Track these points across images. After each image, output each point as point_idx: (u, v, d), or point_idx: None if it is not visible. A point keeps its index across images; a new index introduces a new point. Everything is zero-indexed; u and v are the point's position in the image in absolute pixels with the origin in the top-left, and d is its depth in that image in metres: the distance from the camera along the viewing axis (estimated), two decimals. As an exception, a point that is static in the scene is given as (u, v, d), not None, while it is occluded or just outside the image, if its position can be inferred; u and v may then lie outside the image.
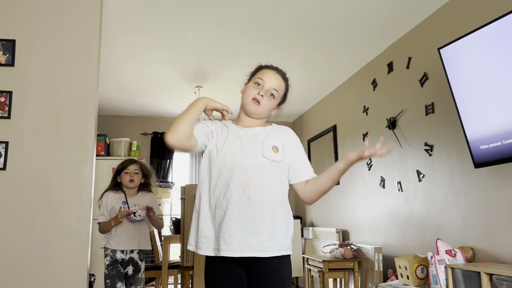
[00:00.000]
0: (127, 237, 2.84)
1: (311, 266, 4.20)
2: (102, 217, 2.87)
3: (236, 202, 1.49)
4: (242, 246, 1.48)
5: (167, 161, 6.18)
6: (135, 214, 2.74)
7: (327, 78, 4.79)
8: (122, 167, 2.95)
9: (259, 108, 1.61)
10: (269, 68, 1.68)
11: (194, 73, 4.55)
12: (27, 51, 2.65)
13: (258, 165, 1.54)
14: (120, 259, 2.82)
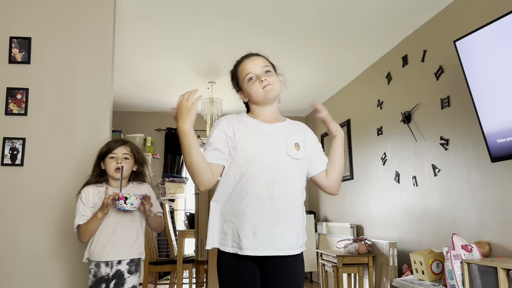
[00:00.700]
0: (113, 242, 2.07)
1: (325, 261, 4.19)
2: (82, 218, 2.08)
3: (259, 200, 1.47)
4: (265, 246, 1.47)
5: (181, 157, 6.22)
6: (126, 200, 1.99)
7: (340, 72, 4.76)
8: (107, 150, 2.15)
9: (274, 88, 1.59)
10: (242, 61, 1.63)
11: (207, 69, 4.56)
12: (43, 49, 2.69)
13: (283, 163, 1.52)
14: (105, 275, 2.05)
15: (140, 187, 2.22)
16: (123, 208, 2.00)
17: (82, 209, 2.09)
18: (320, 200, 5.85)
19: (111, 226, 2.09)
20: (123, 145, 2.17)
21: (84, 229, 2.07)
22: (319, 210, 5.88)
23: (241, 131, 1.54)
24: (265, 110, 1.61)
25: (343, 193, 5.05)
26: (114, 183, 2.14)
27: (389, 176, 4.03)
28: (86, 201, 2.11)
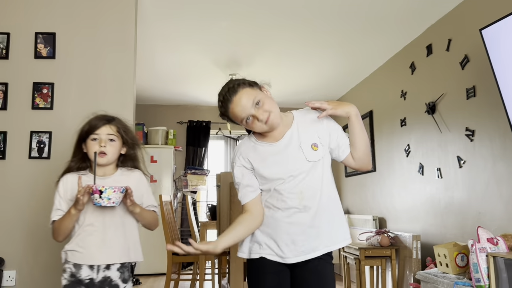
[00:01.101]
0: (100, 242, 1.70)
1: (347, 254, 4.17)
2: (57, 213, 1.73)
3: (292, 211, 1.50)
4: (298, 252, 1.50)
5: (202, 149, 6.28)
6: (101, 193, 1.59)
7: (362, 63, 4.69)
8: (88, 129, 1.76)
9: (274, 116, 1.49)
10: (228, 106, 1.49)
11: (227, 61, 4.57)
12: (67, 44, 2.74)
13: (307, 171, 1.51)
14: (86, 279, 1.69)
15: (130, 174, 1.81)
16: (99, 204, 1.59)
17: (58, 203, 1.75)
18: (342, 192, 5.81)
19: (98, 221, 1.71)
20: (107, 123, 1.76)
21: (57, 227, 1.70)
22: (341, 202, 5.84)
23: (257, 161, 1.55)
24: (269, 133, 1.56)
25: (365, 185, 5.00)
26: (99, 170, 1.75)
27: (412, 168, 3.97)
28: (64, 193, 1.75)
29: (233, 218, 3.71)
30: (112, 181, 1.75)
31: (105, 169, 1.77)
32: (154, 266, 5.38)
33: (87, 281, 1.69)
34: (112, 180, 1.76)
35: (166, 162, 5.72)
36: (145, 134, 5.82)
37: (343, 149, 1.58)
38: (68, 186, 1.76)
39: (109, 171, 1.79)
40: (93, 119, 1.79)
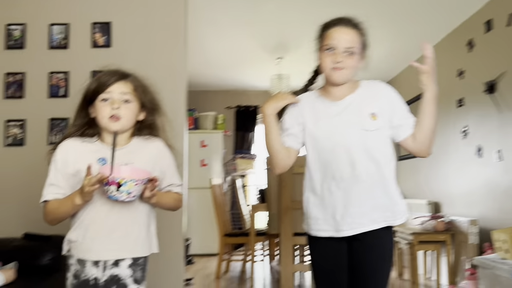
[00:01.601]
0: (106, 234, 1.37)
1: (399, 238, 4.10)
2: (52, 190, 1.37)
3: (345, 182, 1.47)
4: (352, 224, 1.48)
5: (250, 133, 6.34)
6: (120, 186, 1.25)
7: (416, 41, 4.48)
8: (97, 87, 1.39)
9: (343, 74, 1.47)
10: (333, 26, 1.50)
11: (275, 45, 4.55)
12: (122, 33, 2.85)
13: (361, 139, 1.47)
14: (91, 279, 1.36)
15: (148, 144, 1.46)
16: (114, 198, 1.26)
17: (53, 176, 1.36)
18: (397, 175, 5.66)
19: (104, 204, 1.35)
20: (121, 80, 1.40)
21: (52, 211, 1.35)
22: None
23: (311, 118, 1.53)
24: (335, 88, 1.53)
25: (419, 168, 4.85)
26: (108, 137, 1.39)
27: (470, 150, 3.79)
28: (63, 164, 1.36)
29: (283, 201, 3.74)
30: (126, 152, 1.38)
31: (119, 138, 1.38)
32: (206, 246, 5.55)
33: (92, 283, 1.34)
34: (126, 151, 1.39)
35: (215, 146, 5.84)
36: (195, 119, 5.95)
37: (405, 129, 1.52)
38: (70, 156, 1.36)
39: (123, 141, 1.41)
40: (103, 75, 1.40)
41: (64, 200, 1.34)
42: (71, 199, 1.31)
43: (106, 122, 1.38)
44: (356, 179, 1.46)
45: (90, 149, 1.39)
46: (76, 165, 1.36)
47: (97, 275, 1.36)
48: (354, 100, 1.52)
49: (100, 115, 1.38)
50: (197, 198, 5.60)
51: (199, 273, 4.47)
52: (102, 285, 1.36)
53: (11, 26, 2.78)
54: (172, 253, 2.72)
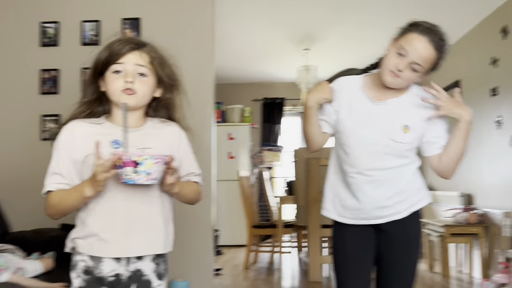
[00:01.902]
0: (128, 224, 1.18)
1: (430, 231, 4.03)
2: (55, 180, 1.18)
3: (363, 181, 1.49)
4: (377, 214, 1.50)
5: (277, 126, 6.34)
6: (137, 166, 1.06)
7: (448, 29, 4.36)
8: (108, 56, 1.20)
9: (396, 81, 1.42)
10: (420, 33, 1.38)
11: (301, 36, 4.52)
12: (150, 28, 2.89)
13: (385, 146, 1.46)
14: (109, 275, 1.18)
15: (164, 128, 1.28)
16: (131, 182, 1.07)
17: (57, 165, 1.17)
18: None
19: (122, 192, 1.16)
20: (136, 49, 1.21)
21: (56, 203, 1.16)
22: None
23: (346, 107, 1.52)
24: (382, 87, 1.47)
25: (449, 160, 4.73)
26: (119, 116, 1.17)
27: (503, 140, 3.68)
28: (69, 150, 1.17)
29: (310, 193, 3.74)
30: (141, 135, 1.20)
31: (131, 117, 1.17)
32: (234, 238, 5.62)
33: (111, 279, 1.16)
34: (140, 134, 1.21)
35: (243, 139, 5.87)
36: (223, 112, 6.00)
37: (434, 147, 1.50)
38: (77, 140, 1.17)
39: (136, 121, 1.22)
40: (115, 42, 1.21)
41: (70, 191, 1.14)
42: (80, 191, 1.11)
43: (118, 96, 1.17)
44: (379, 172, 1.48)
45: (100, 131, 1.19)
46: (85, 150, 1.15)
47: (119, 271, 1.17)
48: (394, 106, 1.48)
49: (111, 88, 1.18)
50: (225, 190, 5.66)
51: (228, 264, 4.54)
52: (123, 281, 1.17)
53: (45, 24, 2.87)
54: (202, 244, 2.77)
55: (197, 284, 2.74)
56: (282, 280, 3.79)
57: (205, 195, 2.79)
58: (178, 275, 2.74)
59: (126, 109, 1.12)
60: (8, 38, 2.87)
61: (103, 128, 1.21)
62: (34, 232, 2.43)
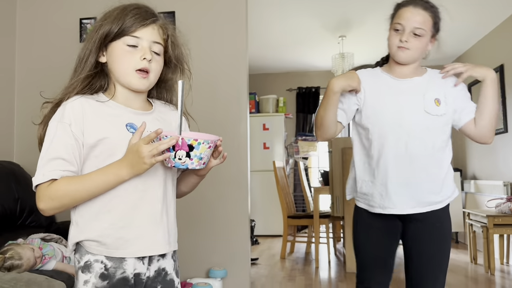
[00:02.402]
0: (152, 217, 1.06)
1: (473, 221, 3.89)
2: (59, 166, 0.98)
3: (398, 161, 1.48)
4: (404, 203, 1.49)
5: (312, 115, 6.27)
6: (191, 150, 0.97)
7: (491, 10, 4.16)
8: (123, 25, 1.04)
9: (407, 54, 1.48)
10: (406, 5, 1.49)
11: (337, 23, 4.43)
12: (185, 20, 2.91)
13: (421, 122, 1.47)
14: (132, 275, 1.04)
15: (168, 112, 1.17)
16: (185, 167, 0.98)
17: (57, 147, 0.99)
18: (467, 156, 5.36)
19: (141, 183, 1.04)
20: (153, 23, 1.07)
21: (66, 193, 0.98)
22: (466, 167, 5.41)
23: (372, 93, 1.53)
24: (400, 67, 1.54)
25: (495, 148, 4.54)
26: (122, 96, 1.08)
27: (554, 127, 3.48)
28: (78, 129, 1.00)
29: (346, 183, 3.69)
30: (153, 119, 1.10)
31: (140, 99, 1.10)
32: (270, 228, 5.65)
33: (132, 280, 1.03)
34: (153, 118, 1.10)
35: (277, 129, 5.86)
36: (257, 103, 6.00)
37: (467, 112, 1.52)
38: (88, 119, 1.01)
39: (143, 103, 1.12)
40: (130, 11, 1.05)
41: (92, 176, 0.98)
42: (115, 174, 0.97)
43: (130, 75, 1.04)
44: (410, 158, 1.47)
45: (108, 111, 1.04)
46: (98, 132, 1.00)
47: (141, 270, 1.04)
48: (421, 82, 1.52)
49: (123, 65, 1.04)
50: (260, 180, 5.68)
51: (264, 253, 4.57)
52: (146, 282, 1.06)
53: (84, 20, 2.95)
54: (239, 234, 2.80)
55: (234, 273, 2.78)
56: (320, 271, 3.78)
57: (242, 186, 2.83)
58: (215, 264, 2.78)
59: (184, 88, 1.01)
60: (52, 35, 2.97)
61: (109, 107, 1.05)
62: (78, 222, 2.54)
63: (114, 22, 1.04)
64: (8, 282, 1.64)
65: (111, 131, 1.02)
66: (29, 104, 2.92)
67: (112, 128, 1.02)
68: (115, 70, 1.06)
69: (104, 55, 1.07)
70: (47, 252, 1.94)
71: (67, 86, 1.07)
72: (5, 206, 2.26)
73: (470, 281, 3.43)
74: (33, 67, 2.95)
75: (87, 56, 1.06)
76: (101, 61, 1.07)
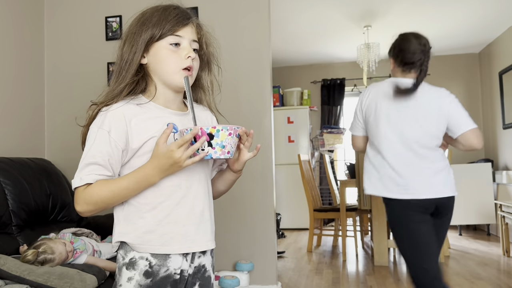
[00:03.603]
0: (194, 214, 1.07)
1: (506, 213, 3.77)
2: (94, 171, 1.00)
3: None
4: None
5: (337, 108, 6.20)
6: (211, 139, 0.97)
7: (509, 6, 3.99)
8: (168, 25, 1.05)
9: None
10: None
11: (361, 12, 4.34)
12: (208, 15, 2.92)
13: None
14: (175, 272, 1.05)
15: (200, 114, 1.14)
16: (209, 157, 0.98)
17: (95, 153, 1.00)
18: (499, 147, 5.19)
19: (183, 180, 1.05)
20: (191, 21, 1.08)
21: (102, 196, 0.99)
22: (497, 157, 5.23)
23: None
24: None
25: (528, 137, 4.38)
26: (164, 97, 1.09)
27: None
28: (120, 136, 1.01)
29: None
30: (189, 120, 1.09)
31: (178, 99, 1.11)
32: (296, 221, 5.63)
33: (176, 277, 1.05)
34: (189, 119, 1.09)
35: (302, 122, 5.82)
36: (281, 96, 5.97)
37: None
38: (131, 125, 1.02)
39: (181, 104, 1.13)
40: (171, 11, 1.07)
41: (128, 180, 0.99)
42: (145, 179, 0.98)
43: (176, 75, 1.05)
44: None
45: (150, 114, 1.05)
46: (142, 136, 1.02)
47: (184, 267, 1.06)
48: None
49: (168, 65, 1.04)
50: (285, 174, 5.66)
51: (291, 247, 4.56)
52: (187, 278, 1.07)
53: (110, 18, 3.00)
54: (265, 227, 2.80)
55: (261, 266, 2.79)
56: (347, 264, 3.75)
57: (267, 179, 2.82)
58: (242, 257, 2.80)
59: (188, 82, 1.04)
60: (78, 34, 3.03)
61: (150, 110, 1.05)
62: (107, 217, 2.59)
63: (157, 24, 1.04)
64: (41, 276, 1.69)
65: (156, 131, 1.02)
66: (59, 102, 3.00)
67: (156, 129, 1.02)
68: (159, 71, 1.06)
69: (145, 56, 1.06)
70: (78, 246, 1.99)
71: (111, 89, 1.06)
72: (38, 202, 2.33)
73: (502, 274, 3.34)
74: (62, 65, 3.02)
75: (130, 59, 1.05)
76: (143, 63, 1.07)
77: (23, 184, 2.28)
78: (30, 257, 1.78)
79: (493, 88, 5.30)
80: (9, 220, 2.16)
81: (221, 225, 2.82)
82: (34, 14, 2.97)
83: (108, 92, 1.06)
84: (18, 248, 2.08)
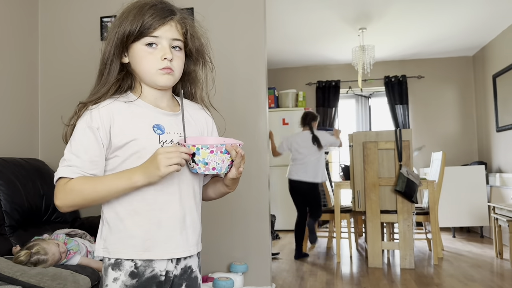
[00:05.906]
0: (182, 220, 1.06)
1: (499, 215, 3.80)
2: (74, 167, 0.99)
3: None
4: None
5: (332, 109, 6.21)
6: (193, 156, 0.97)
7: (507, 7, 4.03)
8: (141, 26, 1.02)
9: None
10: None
11: (356, 15, 4.36)
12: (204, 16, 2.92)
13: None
14: (160, 275, 1.05)
15: (195, 114, 1.15)
16: (194, 171, 1.00)
17: (80, 147, 1.00)
18: (493, 149, 5.23)
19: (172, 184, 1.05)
20: (171, 20, 1.04)
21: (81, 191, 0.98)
22: (490, 160, 5.27)
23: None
24: None
25: (521, 140, 4.42)
26: (150, 94, 1.08)
27: None
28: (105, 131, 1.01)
29: (368, 178, 3.65)
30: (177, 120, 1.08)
31: (165, 98, 1.10)
32: (290, 223, 5.62)
33: (161, 279, 1.05)
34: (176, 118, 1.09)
35: (297, 124, 5.78)
36: (276, 97, 5.98)
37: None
38: (116, 121, 1.02)
39: (170, 102, 1.11)
40: (147, 11, 1.03)
41: (110, 178, 0.99)
42: (127, 178, 0.97)
43: (154, 76, 1.04)
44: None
45: (137, 112, 1.04)
46: (127, 134, 1.01)
47: (169, 268, 1.06)
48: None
49: (145, 66, 1.04)
50: (280, 175, 5.66)
51: (285, 248, 4.56)
52: (173, 280, 1.07)
53: (105, 18, 2.99)
54: (259, 229, 2.80)
55: (256, 268, 2.79)
56: (341, 266, 3.76)
57: (262, 181, 2.83)
58: (237, 259, 2.80)
59: (182, 94, 1.07)
60: (73, 34, 3.02)
61: (138, 106, 1.05)
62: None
63: (133, 23, 1.02)
64: (34, 277, 1.68)
65: (139, 133, 1.02)
66: (53, 102, 2.99)
67: (139, 130, 1.02)
68: (138, 71, 1.06)
69: (126, 56, 1.06)
70: (72, 247, 1.98)
71: (95, 90, 1.05)
72: (31, 203, 2.32)
73: (495, 276, 3.36)
74: (56, 65, 3.01)
75: (110, 59, 1.05)
76: (124, 62, 1.07)
77: (16, 184, 2.26)
78: (23, 258, 1.77)
79: (487, 91, 5.34)
80: (2, 221, 2.15)
81: (216, 226, 2.82)
82: (28, 13, 2.95)
83: (94, 92, 1.05)
84: (11, 249, 2.06)
